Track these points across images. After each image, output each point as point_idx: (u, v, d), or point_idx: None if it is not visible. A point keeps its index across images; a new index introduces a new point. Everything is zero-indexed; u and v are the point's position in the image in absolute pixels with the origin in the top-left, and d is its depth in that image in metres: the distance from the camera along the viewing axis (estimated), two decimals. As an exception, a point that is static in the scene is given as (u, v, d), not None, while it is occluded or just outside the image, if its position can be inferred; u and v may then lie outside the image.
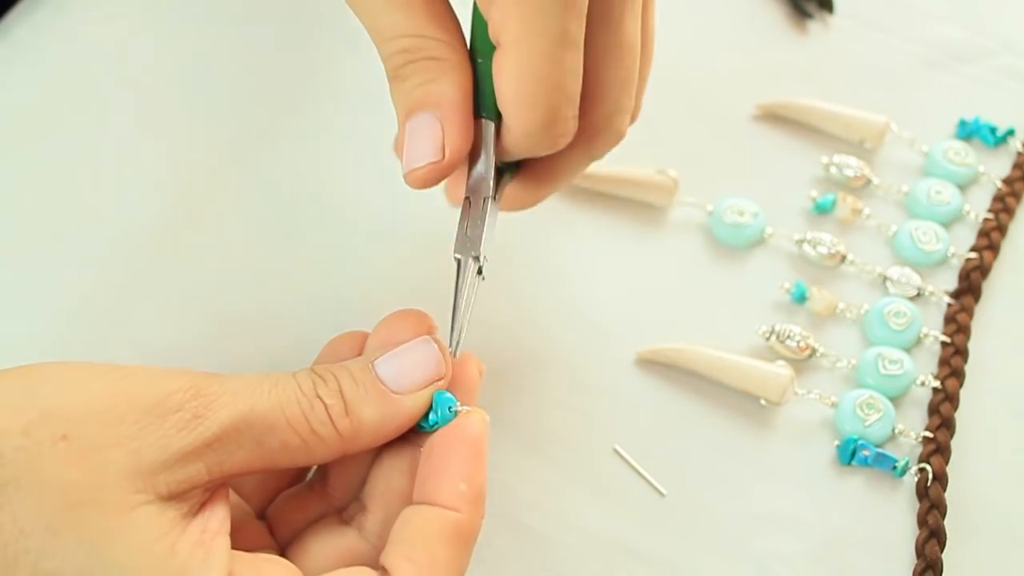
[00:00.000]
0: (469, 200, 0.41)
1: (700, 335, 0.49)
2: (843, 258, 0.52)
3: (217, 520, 0.35)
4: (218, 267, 0.50)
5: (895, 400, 0.48)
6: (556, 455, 0.47)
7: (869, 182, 0.55)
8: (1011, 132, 0.57)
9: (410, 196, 0.48)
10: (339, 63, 0.57)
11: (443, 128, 0.39)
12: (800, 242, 0.52)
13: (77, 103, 0.55)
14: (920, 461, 0.47)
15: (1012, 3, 0.62)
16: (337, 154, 0.54)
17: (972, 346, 0.50)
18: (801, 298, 0.51)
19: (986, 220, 0.54)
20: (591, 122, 0.40)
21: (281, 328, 0.48)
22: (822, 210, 0.54)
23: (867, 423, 0.47)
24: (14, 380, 0.35)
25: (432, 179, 0.39)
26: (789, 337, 0.49)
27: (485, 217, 0.40)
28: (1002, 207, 0.54)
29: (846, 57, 0.59)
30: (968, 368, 0.49)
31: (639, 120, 0.44)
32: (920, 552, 0.45)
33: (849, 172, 0.54)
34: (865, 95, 0.57)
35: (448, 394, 0.39)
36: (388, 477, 0.39)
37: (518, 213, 0.45)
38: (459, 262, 0.40)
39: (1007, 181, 0.55)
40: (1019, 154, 0.56)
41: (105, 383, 0.35)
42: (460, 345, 0.40)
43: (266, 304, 0.50)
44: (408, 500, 0.38)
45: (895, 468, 0.47)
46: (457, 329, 0.40)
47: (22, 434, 0.33)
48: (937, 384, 0.49)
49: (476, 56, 0.39)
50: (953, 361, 0.49)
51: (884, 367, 0.48)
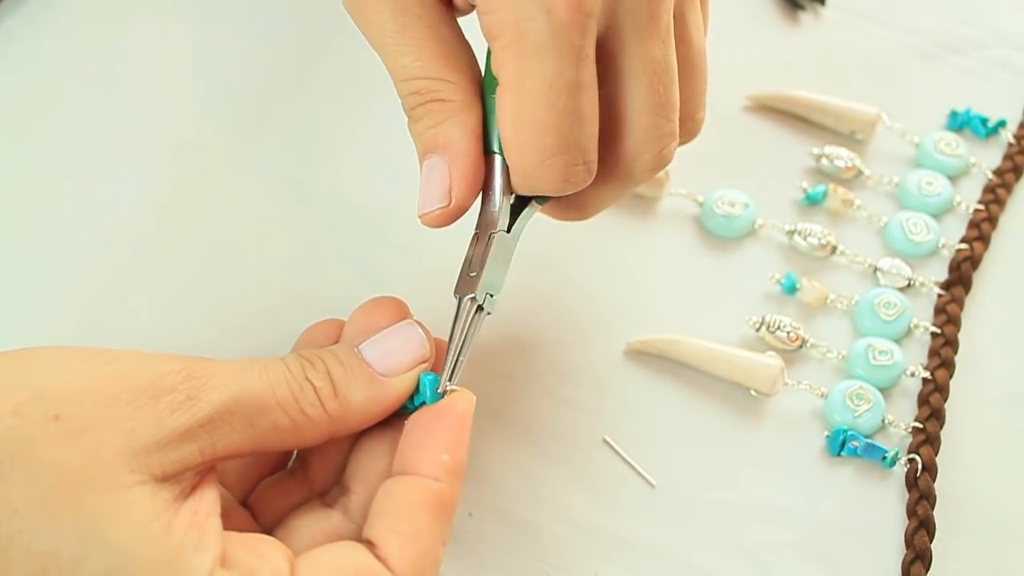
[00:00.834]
0: (477, 236, 0.41)
1: (690, 326, 0.49)
2: (834, 249, 0.52)
3: (208, 502, 0.35)
4: (212, 259, 0.50)
5: (885, 391, 0.48)
6: (546, 446, 0.47)
7: (860, 173, 0.55)
8: (1002, 123, 0.57)
9: (409, 191, 0.48)
10: (336, 56, 0.57)
11: (450, 172, 0.39)
12: (791, 233, 0.52)
13: (69, 95, 0.55)
14: (910, 452, 0.47)
15: (1004, -5, 0.62)
16: (333, 148, 0.54)
17: (962, 337, 0.50)
18: (791, 289, 0.51)
19: (977, 211, 0.54)
20: (619, 156, 0.40)
21: (276, 321, 0.48)
22: (813, 201, 0.54)
23: (857, 413, 0.47)
24: (4, 362, 0.35)
25: (444, 222, 0.40)
26: (779, 328, 0.49)
27: (487, 256, 0.40)
28: (993, 198, 0.54)
29: (837, 48, 0.59)
30: (958, 359, 0.49)
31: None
32: (909, 542, 0.45)
33: (840, 163, 0.54)
34: (856, 86, 0.57)
35: (433, 374, 0.39)
36: (370, 458, 0.39)
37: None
38: (459, 301, 0.40)
39: (998, 172, 0.55)
40: (1010, 145, 0.56)
41: (96, 364, 0.35)
42: (456, 379, 0.39)
43: (261, 297, 0.50)
44: None
45: (884, 458, 0.47)
46: (449, 364, 0.39)
47: (13, 414, 0.33)
48: (927, 375, 0.49)
49: (488, 91, 0.39)
50: (943, 352, 0.49)
51: (874, 358, 0.49)
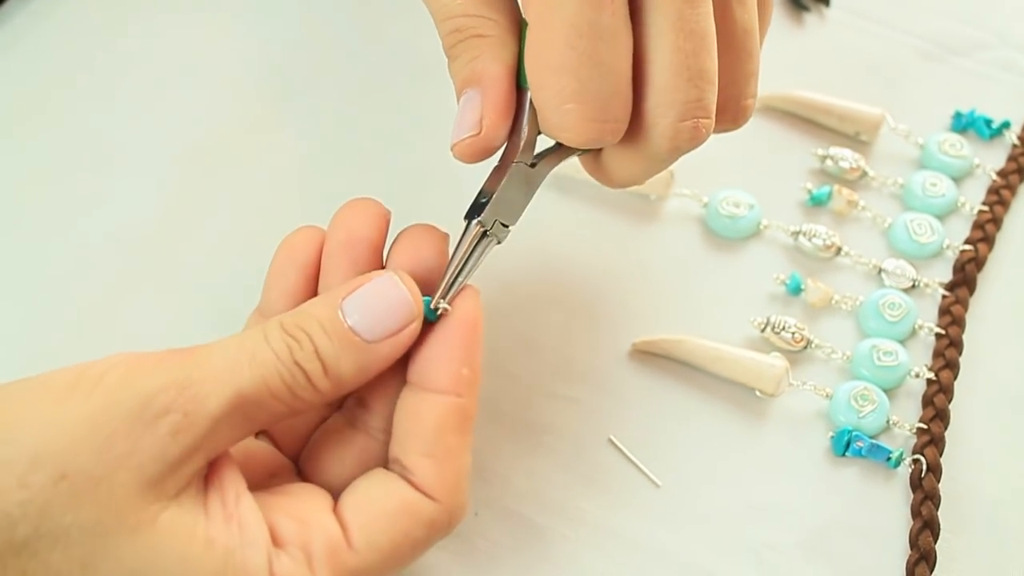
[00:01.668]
0: (499, 166, 0.41)
1: (695, 326, 0.49)
2: (838, 250, 0.52)
3: (230, 485, 0.35)
4: (217, 258, 0.50)
5: (889, 391, 0.48)
6: (551, 445, 0.47)
7: (864, 174, 0.55)
8: (1006, 125, 0.57)
9: (417, 192, 0.48)
10: (344, 56, 0.57)
11: (482, 103, 0.39)
12: (795, 234, 0.52)
13: (76, 92, 0.55)
14: (914, 452, 0.47)
15: (1008, -4, 0.62)
16: (340, 148, 0.54)
17: (966, 338, 0.50)
18: (796, 290, 0.51)
19: (981, 212, 0.54)
20: (639, 117, 0.39)
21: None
22: (818, 202, 0.54)
23: (861, 414, 0.47)
24: None
25: (472, 153, 0.39)
26: (784, 328, 0.49)
27: (501, 184, 0.40)
28: (997, 199, 0.54)
29: (842, 49, 0.59)
30: (962, 360, 0.49)
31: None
32: (914, 543, 0.45)
33: (844, 164, 0.54)
34: (861, 87, 0.57)
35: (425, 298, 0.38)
36: (383, 373, 0.38)
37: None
38: (466, 224, 0.40)
39: (1002, 173, 0.55)
40: (1014, 146, 0.56)
41: (80, 398, 0.34)
42: (449, 298, 0.39)
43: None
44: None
45: (889, 459, 0.47)
46: (445, 285, 0.39)
47: (20, 488, 0.32)
48: (931, 376, 0.49)
49: (524, 29, 0.39)
50: (947, 353, 0.49)
51: (879, 358, 0.49)
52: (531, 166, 0.41)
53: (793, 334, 0.49)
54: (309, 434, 0.41)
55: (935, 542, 0.45)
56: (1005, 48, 0.60)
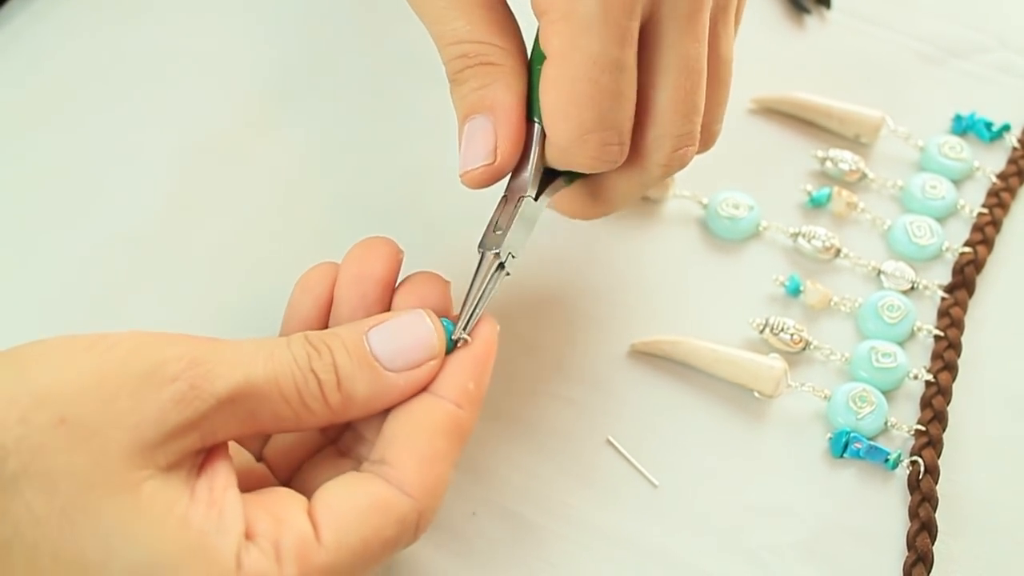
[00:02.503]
0: (506, 198, 0.42)
1: (694, 327, 0.49)
2: (837, 252, 0.52)
3: (222, 476, 0.35)
4: (221, 256, 0.51)
5: (888, 393, 0.48)
6: (549, 446, 0.47)
7: (864, 176, 0.55)
8: (1006, 127, 0.57)
9: (417, 191, 0.48)
10: (344, 56, 0.57)
11: (495, 132, 0.40)
12: (795, 236, 0.52)
13: (78, 92, 0.55)
14: (912, 454, 0.47)
15: (1009, -1, 0.62)
16: (342, 147, 0.54)
17: (965, 340, 0.50)
18: (795, 291, 0.51)
19: (980, 215, 0.54)
20: (639, 146, 0.41)
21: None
22: (817, 204, 0.54)
23: (860, 416, 0.47)
24: (3, 366, 0.34)
25: (485, 180, 0.41)
26: (783, 330, 0.49)
27: (515, 217, 0.41)
28: (996, 202, 0.54)
29: (842, 52, 0.60)
30: (961, 362, 0.49)
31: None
32: (911, 544, 0.45)
33: (844, 166, 0.55)
34: (861, 90, 0.57)
35: (448, 321, 0.40)
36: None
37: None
38: (481, 255, 0.41)
39: (1002, 176, 0.55)
40: (1014, 149, 0.56)
41: (95, 354, 0.34)
42: (470, 329, 0.40)
43: (270, 294, 0.49)
44: None
45: (887, 461, 0.47)
46: (465, 316, 0.40)
47: (20, 422, 0.33)
48: (930, 377, 0.49)
49: (533, 63, 0.40)
50: (946, 355, 0.49)
51: (877, 360, 0.49)
52: (535, 199, 0.42)
53: (792, 335, 0.49)
54: (302, 462, 0.41)
55: (932, 544, 0.45)
56: (1005, 51, 0.60)
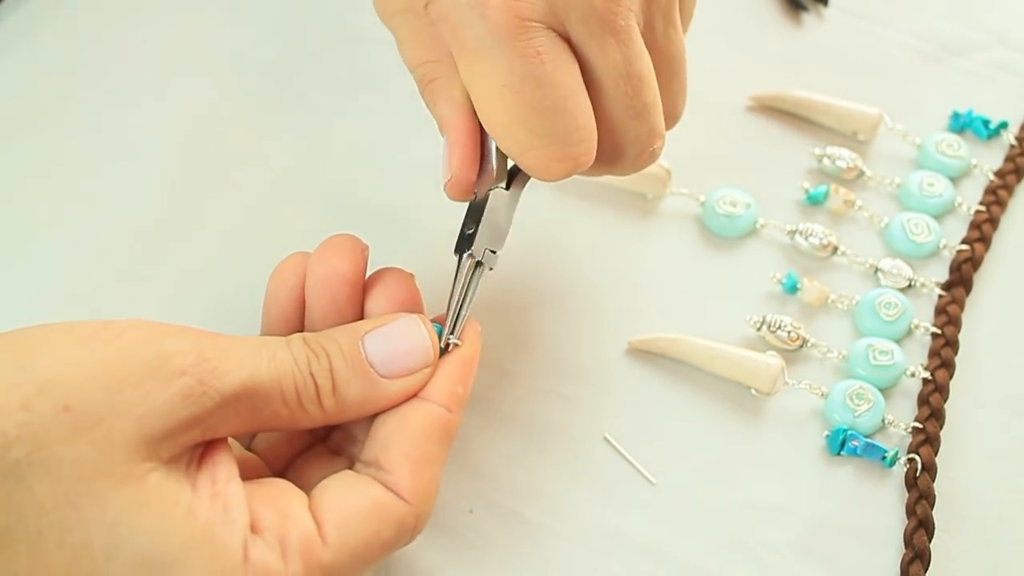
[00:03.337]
0: (475, 195, 0.42)
1: (692, 325, 0.49)
2: (835, 249, 0.52)
3: (224, 468, 0.36)
4: (221, 250, 0.51)
5: (885, 391, 0.48)
6: (547, 443, 0.47)
7: (862, 174, 0.55)
8: (1004, 125, 0.57)
9: (417, 184, 0.48)
10: (345, 50, 0.57)
11: (450, 147, 0.41)
12: (792, 233, 0.52)
13: (77, 88, 0.55)
14: (909, 451, 0.47)
15: (1006, -4, 0.62)
16: (343, 141, 0.54)
17: (962, 338, 0.50)
18: (793, 289, 0.51)
19: (978, 212, 0.54)
20: (604, 149, 0.41)
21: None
22: (814, 201, 0.54)
23: (857, 413, 0.47)
24: (4, 353, 0.34)
25: (453, 195, 0.42)
26: (780, 327, 0.49)
27: (484, 214, 0.41)
28: (994, 199, 0.54)
29: (840, 49, 0.60)
30: (958, 359, 0.49)
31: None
32: (908, 542, 0.45)
33: (842, 164, 0.55)
34: (859, 87, 0.57)
35: (437, 326, 0.40)
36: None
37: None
38: (459, 259, 0.41)
39: (999, 174, 0.55)
40: (1011, 147, 0.56)
41: (101, 343, 0.34)
42: (457, 332, 0.41)
43: (263, 291, 0.50)
44: None
45: (884, 458, 0.47)
46: (450, 320, 0.41)
47: (22, 409, 0.32)
48: (927, 375, 0.49)
49: None
50: (943, 352, 0.49)
51: (874, 358, 0.49)
52: (506, 188, 0.42)
53: (789, 333, 0.49)
54: (292, 456, 0.42)
55: (930, 541, 0.45)
56: (1003, 48, 0.60)
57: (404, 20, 0.41)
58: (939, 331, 0.50)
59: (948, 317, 0.50)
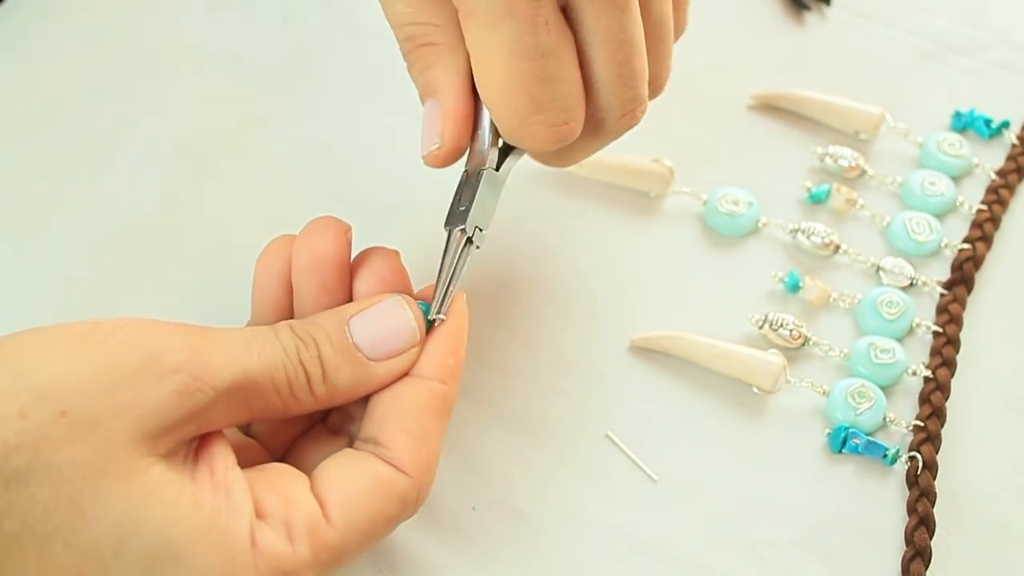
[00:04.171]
0: (467, 172, 0.42)
1: (693, 323, 0.50)
2: (836, 248, 0.52)
3: (221, 457, 0.36)
4: (215, 250, 0.51)
5: (886, 389, 0.49)
6: (549, 440, 0.47)
7: (863, 173, 0.55)
8: (1006, 124, 0.57)
9: (417, 183, 0.48)
10: (345, 47, 0.57)
11: (441, 114, 0.40)
12: (794, 232, 0.53)
13: (79, 86, 0.55)
14: (910, 449, 0.47)
15: (1008, -4, 0.62)
16: (336, 138, 0.55)
17: (964, 336, 0.50)
18: (794, 287, 0.51)
19: (979, 211, 0.54)
20: (590, 115, 0.41)
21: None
22: (816, 200, 0.54)
23: (858, 411, 0.47)
24: None
25: (440, 162, 0.41)
26: (782, 326, 0.49)
27: (476, 191, 0.41)
28: (995, 199, 0.54)
29: (842, 48, 0.60)
30: (959, 358, 0.50)
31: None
32: (909, 539, 0.45)
33: (844, 163, 0.55)
34: (861, 86, 0.58)
35: (424, 303, 0.41)
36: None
37: (516, 200, 0.46)
38: (448, 233, 0.41)
39: (1001, 173, 0.55)
40: (1013, 146, 0.56)
41: (91, 345, 0.34)
42: (444, 308, 0.41)
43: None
44: None
45: (885, 456, 0.47)
46: (439, 295, 0.41)
47: (20, 417, 0.33)
48: (928, 373, 0.49)
49: None
50: (945, 351, 0.50)
51: (876, 356, 0.49)
52: (496, 169, 0.42)
53: (791, 331, 0.49)
54: (292, 439, 0.42)
55: (930, 539, 0.45)
56: (1005, 48, 0.60)
57: None
58: (940, 329, 0.50)
59: (949, 316, 0.51)
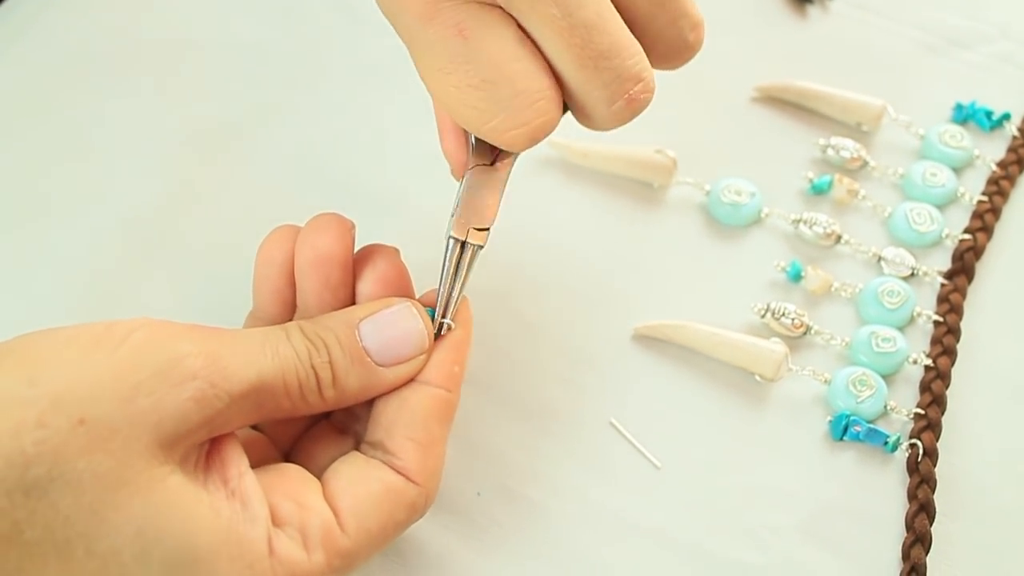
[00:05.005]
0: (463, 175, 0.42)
1: (696, 312, 0.50)
2: (838, 238, 0.53)
3: (235, 462, 0.36)
4: (224, 243, 0.51)
5: (887, 377, 0.49)
6: (553, 427, 0.47)
7: (865, 164, 0.55)
8: (1007, 116, 0.57)
9: (426, 176, 0.49)
10: (356, 40, 0.58)
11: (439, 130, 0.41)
12: (796, 222, 0.53)
13: (88, 76, 0.55)
14: (911, 437, 0.48)
15: (1010, -11, 0.63)
16: (352, 132, 0.55)
17: (964, 325, 0.51)
18: (796, 277, 0.51)
19: (980, 202, 0.54)
20: (579, 108, 0.39)
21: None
22: (818, 191, 0.54)
23: (859, 399, 0.48)
24: (11, 368, 0.34)
25: (455, 176, 0.42)
26: (784, 315, 0.50)
27: (461, 192, 0.41)
28: (996, 190, 0.55)
29: (845, 41, 0.60)
30: (960, 347, 0.50)
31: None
32: (910, 525, 0.46)
33: (846, 154, 0.55)
34: (863, 79, 0.58)
35: (431, 309, 0.41)
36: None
37: (520, 190, 0.45)
38: (446, 241, 0.41)
39: (1001, 164, 0.56)
40: (1014, 138, 0.57)
41: (105, 351, 0.34)
42: (451, 313, 0.41)
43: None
44: None
45: (886, 443, 0.47)
46: (441, 303, 0.41)
47: (38, 426, 0.32)
48: (929, 362, 0.49)
49: None
50: (945, 340, 0.50)
51: (877, 345, 0.49)
52: (490, 164, 0.41)
53: (793, 320, 0.50)
54: (299, 435, 0.43)
55: (931, 525, 0.45)
56: (1006, 41, 0.60)
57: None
58: (941, 319, 0.51)
59: (950, 305, 0.51)
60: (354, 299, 0.42)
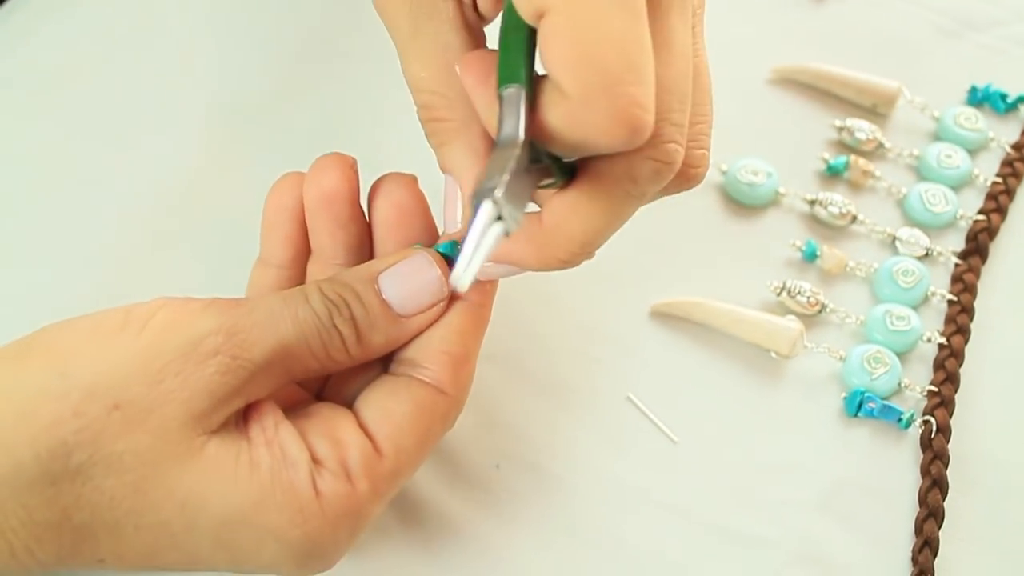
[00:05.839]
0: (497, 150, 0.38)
1: (714, 290, 0.51)
2: (854, 218, 0.53)
3: (269, 414, 0.37)
4: (250, 217, 0.51)
5: (902, 355, 0.50)
6: (572, 402, 0.48)
7: (881, 146, 0.56)
8: (1021, 99, 0.58)
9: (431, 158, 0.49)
10: (372, 23, 0.58)
11: (460, 197, 0.40)
12: (812, 202, 0.54)
13: (108, 56, 0.56)
14: (924, 414, 0.48)
15: (1025, -27, 0.63)
16: (367, 115, 0.55)
17: (977, 305, 0.51)
18: (812, 256, 0.52)
19: (994, 184, 0.55)
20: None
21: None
22: (834, 172, 0.55)
23: (874, 376, 0.49)
24: (41, 363, 0.35)
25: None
26: (800, 293, 0.50)
27: (509, 166, 0.34)
28: (1010, 171, 0.55)
29: (861, 24, 0.60)
30: (973, 326, 0.51)
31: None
32: (923, 500, 0.46)
33: (861, 136, 0.56)
34: (879, 61, 0.58)
35: (446, 245, 0.40)
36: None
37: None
38: (475, 206, 0.36)
39: (1016, 147, 0.56)
40: (1028, 120, 0.57)
41: (129, 338, 0.35)
42: (470, 279, 0.36)
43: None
44: None
45: (900, 420, 0.48)
46: (461, 266, 0.35)
47: (75, 416, 0.34)
48: (943, 340, 0.50)
49: (510, 30, 0.36)
50: (959, 319, 0.51)
51: (892, 323, 0.50)
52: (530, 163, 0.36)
53: (808, 298, 0.50)
54: (329, 374, 0.42)
55: (943, 500, 0.46)
56: (1021, 24, 0.61)
57: (413, 25, 0.39)
58: (955, 298, 0.51)
59: (964, 285, 0.52)
60: (368, 233, 0.42)
